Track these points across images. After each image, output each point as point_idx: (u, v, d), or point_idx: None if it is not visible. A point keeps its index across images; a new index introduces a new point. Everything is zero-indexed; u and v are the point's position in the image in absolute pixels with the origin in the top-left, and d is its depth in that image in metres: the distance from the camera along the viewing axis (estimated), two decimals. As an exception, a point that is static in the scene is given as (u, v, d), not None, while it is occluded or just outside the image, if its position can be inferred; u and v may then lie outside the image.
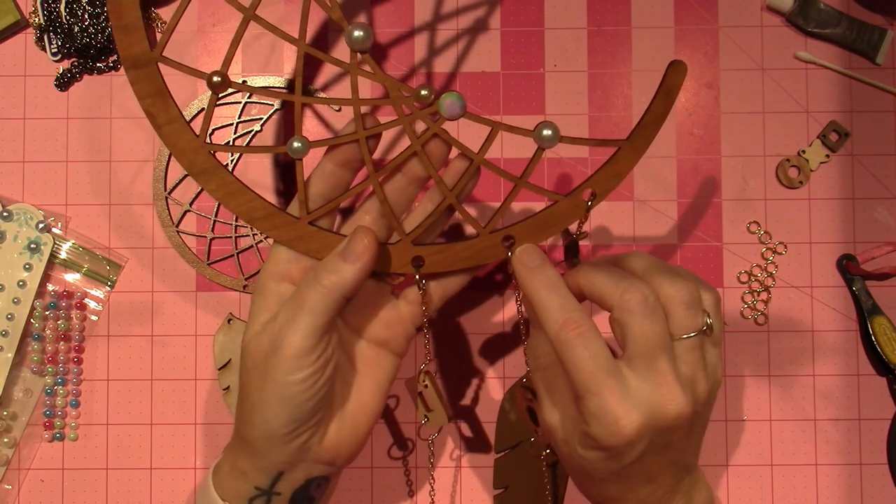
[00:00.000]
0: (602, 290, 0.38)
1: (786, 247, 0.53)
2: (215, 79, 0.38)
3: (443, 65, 0.54)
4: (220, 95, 0.52)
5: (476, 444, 0.53)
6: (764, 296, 0.53)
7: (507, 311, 0.53)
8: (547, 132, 0.39)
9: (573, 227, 0.42)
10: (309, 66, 0.53)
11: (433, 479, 0.48)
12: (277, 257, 0.41)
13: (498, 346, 0.53)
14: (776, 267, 0.53)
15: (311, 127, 0.54)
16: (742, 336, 0.53)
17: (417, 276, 0.42)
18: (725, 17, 0.54)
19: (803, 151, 0.53)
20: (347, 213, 0.45)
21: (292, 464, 0.40)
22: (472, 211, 0.53)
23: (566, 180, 0.53)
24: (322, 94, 0.53)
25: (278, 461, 0.39)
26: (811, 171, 0.53)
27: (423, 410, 0.45)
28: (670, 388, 0.36)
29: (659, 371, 0.36)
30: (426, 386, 0.45)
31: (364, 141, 0.40)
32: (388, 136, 0.53)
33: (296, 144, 0.39)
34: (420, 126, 0.40)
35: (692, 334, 0.37)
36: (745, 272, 0.53)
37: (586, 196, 0.41)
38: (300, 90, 0.39)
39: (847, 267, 0.53)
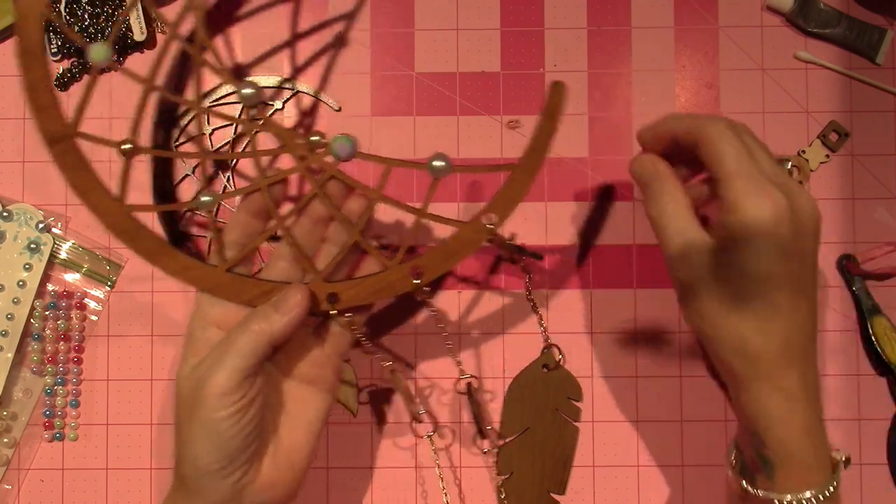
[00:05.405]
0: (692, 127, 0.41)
1: (786, 247, 0.53)
2: (125, 146, 0.42)
3: (443, 65, 0.53)
4: (220, 96, 0.53)
5: (473, 442, 0.53)
6: (764, 296, 0.53)
7: (506, 312, 0.53)
8: (439, 164, 0.41)
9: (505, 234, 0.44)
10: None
11: (441, 464, 0.48)
12: (201, 304, 0.43)
13: (499, 346, 0.53)
14: (776, 267, 0.53)
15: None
16: (742, 336, 0.53)
17: (336, 311, 0.43)
18: (725, 17, 0.54)
19: (803, 151, 0.53)
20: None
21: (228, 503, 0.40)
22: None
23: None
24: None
25: (213, 500, 0.40)
26: (811, 171, 0.53)
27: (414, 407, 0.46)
28: (794, 186, 0.40)
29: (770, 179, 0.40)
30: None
31: (266, 189, 0.42)
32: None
33: (203, 198, 0.42)
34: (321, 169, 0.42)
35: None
36: (745, 272, 0.53)
37: (486, 220, 0.42)
38: (208, 148, 0.43)
39: (847, 267, 0.53)
